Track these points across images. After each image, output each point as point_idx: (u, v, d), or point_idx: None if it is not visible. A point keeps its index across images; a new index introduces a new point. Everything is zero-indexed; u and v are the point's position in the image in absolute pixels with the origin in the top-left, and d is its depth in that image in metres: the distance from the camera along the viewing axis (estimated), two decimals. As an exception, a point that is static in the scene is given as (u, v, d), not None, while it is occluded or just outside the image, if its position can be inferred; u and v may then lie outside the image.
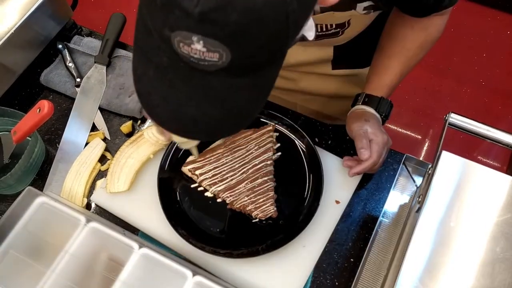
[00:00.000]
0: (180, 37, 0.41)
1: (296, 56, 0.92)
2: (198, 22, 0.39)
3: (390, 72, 0.83)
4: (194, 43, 0.41)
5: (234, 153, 0.85)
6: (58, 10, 0.99)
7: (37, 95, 0.99)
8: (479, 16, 2.28)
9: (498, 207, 0.62)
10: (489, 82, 2.10)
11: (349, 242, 0.80)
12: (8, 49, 0.89)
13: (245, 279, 0.76)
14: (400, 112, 2.01)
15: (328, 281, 0.77)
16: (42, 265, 0.68)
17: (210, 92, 0.45)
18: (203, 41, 0.40)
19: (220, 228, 0.81)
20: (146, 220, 0.82)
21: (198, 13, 0.38)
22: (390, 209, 0.83)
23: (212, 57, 0.41)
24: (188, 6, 0.39)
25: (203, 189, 0.84)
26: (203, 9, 0.38)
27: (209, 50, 0.41)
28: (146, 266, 0.70)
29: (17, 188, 0.86)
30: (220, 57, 0.41)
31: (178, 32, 0.41)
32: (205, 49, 0.41)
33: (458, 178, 0.64)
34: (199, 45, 0.41)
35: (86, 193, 0.86)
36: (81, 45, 1.03)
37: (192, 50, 0.41)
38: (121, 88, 0.97)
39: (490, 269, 0.58)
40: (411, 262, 0.59)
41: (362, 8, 0.74)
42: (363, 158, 0.76)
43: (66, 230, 0.71)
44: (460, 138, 1.81)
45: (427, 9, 0.75)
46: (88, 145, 0.90)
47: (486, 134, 0.68)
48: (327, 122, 0.94)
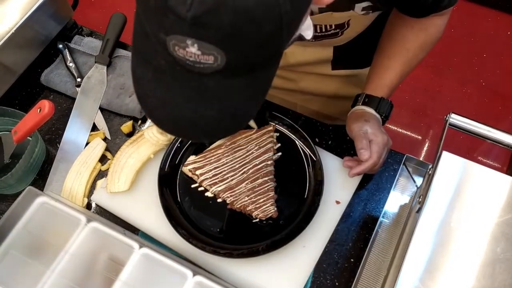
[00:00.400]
0: (175, 40, 0.41)
1: (296, 56, 0.92)
2: (191, 26, 0.39)
3: (390, 72, 0.83)
4: (189, 47, 0.41)
5: (234, 153, 0.85)
6: (59, 10, 0.99)
7: (38, 95, 0.99)
8: (479, 16, 2.28)
9: (498, 208, 0.62)
10: (490, 82, 2.10)
11: (349, 242, 0.80)
12: (9, 48, 0.89)
13: (245, 279, 0.76)
14: (400, 113, 2.01)
15: (328, 281, 0.78)
16: (43, 265, 0.68)
17: (207, 93, 0.46)
18: (198, 44, 0.40)
19: (220, 228, 0.81)
20: (147, 220, 0.82)
21: (191, 17, 0.39)
22: (390, 210, 0.83)
23: (207, 60, 0.42)
24: (181, 11, 0.39)
25: (204, 189, 0.84)
26: (195, 13, 0.39)
27: (204, 53, 0.41)
28: (146, 266, 0.70)
29: (18, 188, 0.86)
30: (215, 59, 0.42)
31: (173, 36, 0.41)
32: (200, 52, 0.41)
33: (459, 179, 0.64)
34: (193, 49, 0.41)
35: (87, 193, 0.86)
36: (81, 45, 1.03)
37: (187, 53, 0.42)
38: (122, 88, 0.97)
39: (491, 269, 0.58)
40: (411, 263, 0.59)
41: (360, 8, 0.74)
42: (363, 159, 0.76)
43: (67, 230, 0.71)
44: (461, 138, 1.82)
45: (425, 10, 0.75)
46: (88, 145, 0.90)
47: (486, 135, 0.68)
48: (327, 122, 0.94)
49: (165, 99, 0.47)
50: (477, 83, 2.10)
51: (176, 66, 0.44)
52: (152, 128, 0.88)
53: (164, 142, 0.87)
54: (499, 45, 2.20)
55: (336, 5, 0.73)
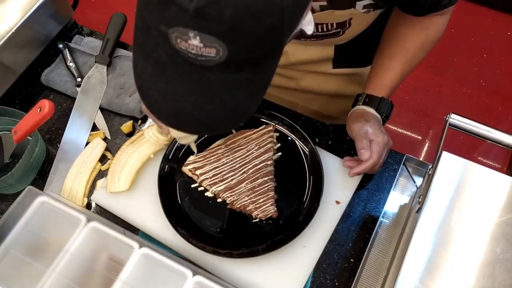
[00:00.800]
0: (177, 33, 0.41)
1: (297, 54, 0.92)
2: (193, 18, 0.40)
3: (391, 72, 0.83)
4: (191, 39, 0.41)
5: (234, 153, 0.85)
6: (59, 10, 0.99)
7: (38, 94, 0.99)
8: (479, 16, 2.28)
9: (498, 208, 0.62)
10: (490, 82, 2.10)
11: (349, 242, 0.80)
12: (9, 48, 0.89)
13: (245, 279, 0.76)
14: (400, 113, 2.01)
15: (328, 281, 0.78)
16: (43, 265, 0.68)
17: (208, 87, 0.46)
18: (200, 36, 0.41)
19: (220, 228, 0.81)
20: (147, 219, 0.82)
21: (193, 9, 0.39)
22: (390, 210, 0.83)
23: (209, 53, 0.42)
24: (183, 2, 0.39)
25: (204, 189, 0.84)
26: (198, 5, 0.39)
27: (206, 46, 0.41)
28: (146, 265, 0.70)
29: (18, 187, 0.86)
30: (217, 52, 0.42)
31: (175, 28, 0.41)
32: (202, 44, 0.41)
33: (458, 179, 0.64)
34: (196, 41, 0.41)
35: (87, 192, 0.86)
36: (81, 45, 1.03)
37: (189, 46, 0.42)
38: (122, 88, 0.97)
39: (491, 269, 0.58)
40: (411, 263, 0.59)
41: (361, 6, 0.74)
42: (363, 159, 0.76)
43: (67, 230, 0.71)
44: (461, 138, 1.82)
45: (425, 8, 0.75)
46: (88, 145, 0.90)
47: (486, 135, 0.68)
48: (327, 122, 0.94)
49: (166, 91, 0.47)
50: (477, 83, 2.10)
51: (178, 58, 0.44)
52: (152, 128, 0.88)
53: (164, 142, 0.87)
54: (499, 45, 2.20)
55: (337, 3, 0.73)
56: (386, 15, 0.85)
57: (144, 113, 0.93)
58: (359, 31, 0.84)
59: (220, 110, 0.48)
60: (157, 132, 0.87)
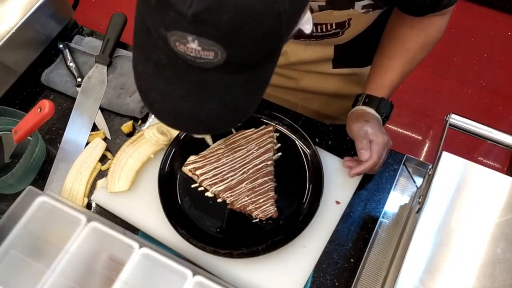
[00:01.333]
0: (176, 36, 0.42)
1: (297, 54, 0.93)
2: (192, 22, 0.40)
3: (391, 72, 0.83)
4: (190, 43, 0.42)
5: (234, 153, 0.86)
6: (59, 10, 1.00)
7: (38, 94, 0.99)
8: (479, 17, 2.28)
9: (498, 208, 0.62)
10: (490, 83, 2.10)
11: (349, 242, 0.80)
12: (9, 48, 0.89)
13: (245, 279, 0.76)
14: (400, 113, 2.01)
15: (328, 281, 0.78)
16: (43, 265, 0.68)
17: (207, 88, 0.46)
18: (198, 40, 0.41)
19: (220, 228, 0.81)
20: (147, 220, 0.82)
21: (192, 14, 0.40)
22: (390, 210, 0.83)
23: (208, 55, 0.43)
24: (181, 8, 0.40)
25: (204, 189, 0.84)
26: (196, 10, 0.40)
27: (204, 49, 0.42)
28: (146, 265, 0.70)
29: (18, 187, 0.86)
30: (216, 55, 0.42)
31: (174, 32, 0.42)
32: (200, 48, 0.42)
33: (459, 179, 0.64)
34: (194, 44, 0.42)
35: (87, 192, 0.86)
36: (82, 45, 1.03)
37: (188, 49, 0.43)
38: (122, 88, 0.97)
39: (491, 269, 0.58)
40: (411, 263, 0.59)
41: (360, 6, 0.74)
42: (363, 159, 0.76)
43: (67, 230, 0.71)
44: (461, 139, 1.82)
45: (425, 8, 0.75)
46: (88, 145, 0.90)
47: (486, 135, 0.68)
48: (327, 122, 0.94)
49: (166, 92, 0.48)
50: (477, 83, 2.10)
51: (177, 60, 0.45)
52: (152, 128, 0.88)
53: (164, 142, 0.87)
54: (499, 45, 2.20)
55: (336, 3, 0.73)
56: (385, 16, 0.85)
57: (144, 113, 0.93)
58: (358, 32, 0.84)
59: (219, 109, 0.48)
60: (157, 132, 0.87)
